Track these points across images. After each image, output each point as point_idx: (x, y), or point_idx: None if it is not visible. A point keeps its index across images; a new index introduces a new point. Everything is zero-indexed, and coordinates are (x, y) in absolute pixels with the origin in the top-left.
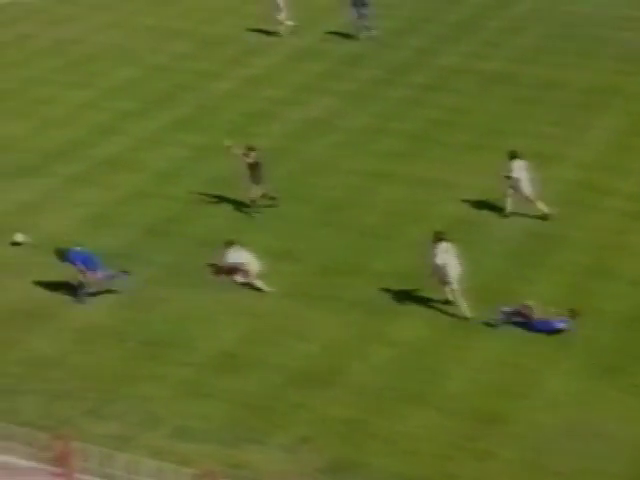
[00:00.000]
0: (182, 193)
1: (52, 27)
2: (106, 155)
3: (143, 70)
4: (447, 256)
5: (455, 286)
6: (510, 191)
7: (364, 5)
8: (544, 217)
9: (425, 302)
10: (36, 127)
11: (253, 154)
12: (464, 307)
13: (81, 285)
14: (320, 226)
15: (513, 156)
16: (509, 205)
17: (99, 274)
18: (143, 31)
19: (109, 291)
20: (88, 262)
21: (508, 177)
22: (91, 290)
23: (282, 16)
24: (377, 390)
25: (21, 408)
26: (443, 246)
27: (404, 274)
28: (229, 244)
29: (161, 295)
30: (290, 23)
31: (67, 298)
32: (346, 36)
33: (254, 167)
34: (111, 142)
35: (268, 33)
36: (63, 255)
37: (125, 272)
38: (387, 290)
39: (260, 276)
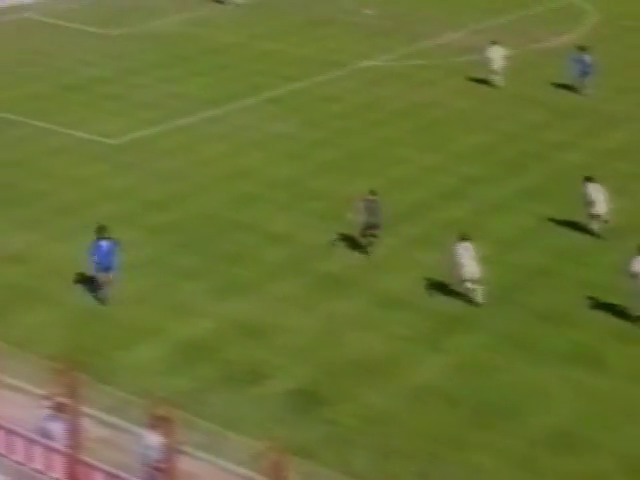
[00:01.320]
0: (523, 262)
1: (409, 90)
2: (449, 218)
3: (493, 136)
4: (466, 254)
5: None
6: None
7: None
8: None
9: None
10: (384, 186)
11: None
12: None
13: None
14: None
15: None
16: None
17: None
18: (495, 98)
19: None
20: None
21: None
22: None
23: None
24: None
25: (351, 460)
26: (464, 245)
27: None
28: None
29: (497, 363)
30: None
31: (405, 354)
32: None
33: None
34: (455, 206)
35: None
36: None
37: None
38: None
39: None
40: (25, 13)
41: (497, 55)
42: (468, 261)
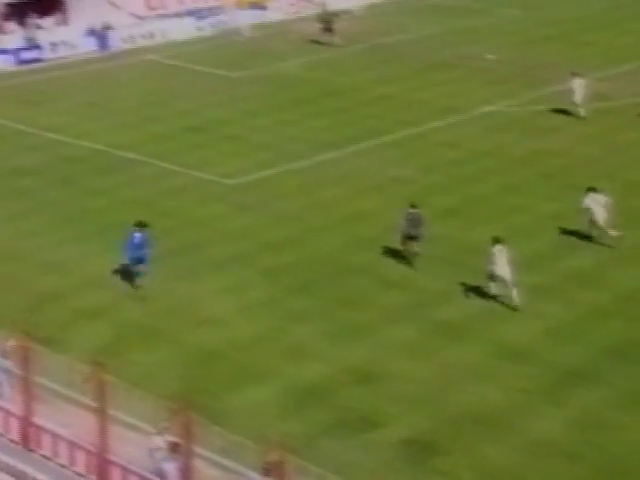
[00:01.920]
0: None
1: (530, 137)
2: (571, 269)
3: (618, 186)
4: (499, 256)
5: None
6: None
7: None
8: None
9: None
10: (502, 233)
11: None
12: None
13: None
14: None
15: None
16: None
17: None
18: (624, 148)
19: None
20: None
21: None
22: None
23: None
24: None
25: None
26: (497, 247)
27: None
28: None
29: (620, 419)
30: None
31: (523, 407)
32: None
33: None
34: (577, 256)
35: None
36: None
37: None
38: None
39: None
40: (149, 55)
41: (578, 86)
42: (500, 263)
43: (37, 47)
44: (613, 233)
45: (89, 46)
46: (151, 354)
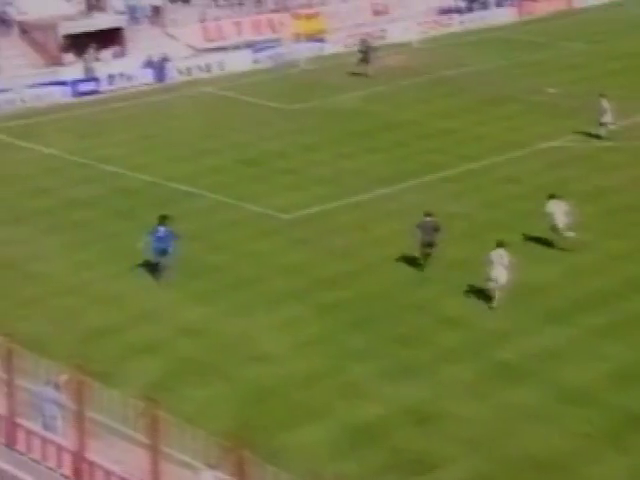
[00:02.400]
0: None
1: (594, 173)
2: (636, 309)
3: None
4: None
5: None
6: None
7: None
8: None
9: None
10: (564, 272)
11: None
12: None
13: None
14: None
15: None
16: None
17: None
18: None
19: None
20: None
21: None
22: None
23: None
24: None
25: None
26: (498, 251)
27: None
28: None
29: None
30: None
31: (585, 452)
32: None
33: None
34: None
35: None
36: None
37: None
38: None
39: None
40: (205, 87)
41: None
42: (498, 266)
43: (95, 79)
44: (570, 234)
45: (146, 78)
46: (205, 390)
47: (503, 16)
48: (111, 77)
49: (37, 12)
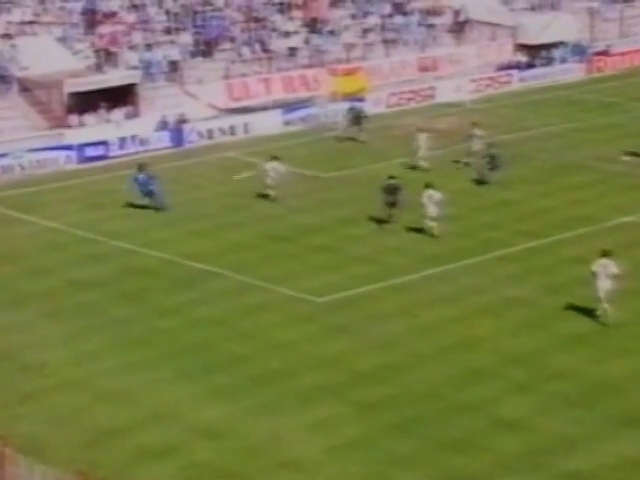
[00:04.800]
0: None
1: None
2: None
3: None
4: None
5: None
6: None
7: None
8: None
9: None
10: None
11: None
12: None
13: None
14: None
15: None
16: None
17: None
18: None
19: None
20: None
21: None
22: None
23: None
24: None
25: None
26: (602, 261)
27: None
28: None
29: None
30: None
31: None
32: None
33: None
34: None
35: None
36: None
37: None
38: None
39: None
40: (229, 152)
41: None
42: (602, 278)
43: (103, 143)
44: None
45: (162, 141)
46: None
47: (569, 73)
48: (122, 140)
49: (40, 67)
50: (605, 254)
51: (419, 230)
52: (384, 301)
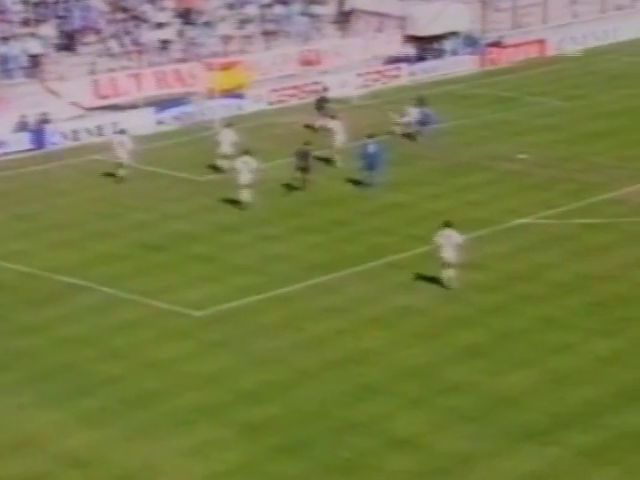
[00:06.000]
0: None
1: (575, 257)
2: (631, 425)
3: None
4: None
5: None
6: None
7: None
8: None
9: None
10: (544, 381)
11: None
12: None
13: None
14: None
15: None
16: None
17: None
18: None
19: None
20: None
21: None
22: None
23: None
24: None
25: None
26: (445, 232)
27: None
28: None
29: None
30: None
31: None
32: None
33: None
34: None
35: None
36: None
37: None
38: None
39: None
40: (96, 155)
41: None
42: (446, 249)
43: None
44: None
45: (21, 144)
46: None
47: (461, 66)
48: None
49: None
50: (448, 225)
51: (305, 237)
52: (268, 313)
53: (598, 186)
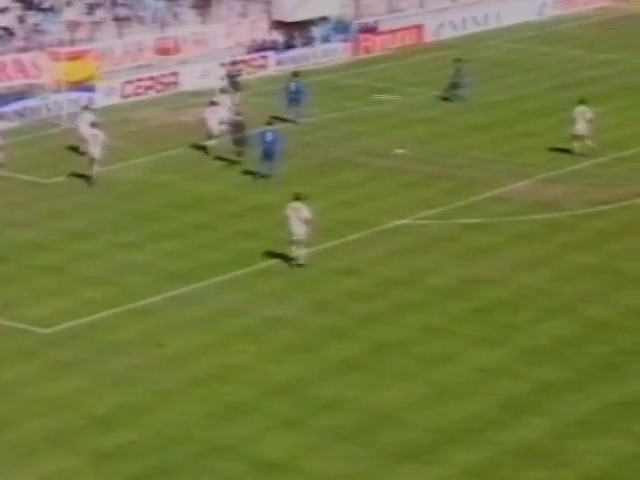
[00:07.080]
0: None
1: (456, 260)
2: (518, 441)
3: (577, 326)
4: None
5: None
6: None
7: None
8: None
9: None
10: (425, 395)
11: None
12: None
13: None
14: None
15: None
16: None
17: None
18: (579, 275)
19: None
20: None
21: None
22: None
23: None
24: None
25: None
26: (294, 205)
27: None
28: None
29: None
30: None
31: None
32: None
33: None
34: (527, 424)
35: None
36: None
37: None
38: None
39: None
40: None
41: None
42: (295, 222)
43: None
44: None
45: None
46: None
47: (333, 54)
48: None
49: None
50: (297, 198)
51: (163, 243)
52: (123, 329)
53: (480, 183)
